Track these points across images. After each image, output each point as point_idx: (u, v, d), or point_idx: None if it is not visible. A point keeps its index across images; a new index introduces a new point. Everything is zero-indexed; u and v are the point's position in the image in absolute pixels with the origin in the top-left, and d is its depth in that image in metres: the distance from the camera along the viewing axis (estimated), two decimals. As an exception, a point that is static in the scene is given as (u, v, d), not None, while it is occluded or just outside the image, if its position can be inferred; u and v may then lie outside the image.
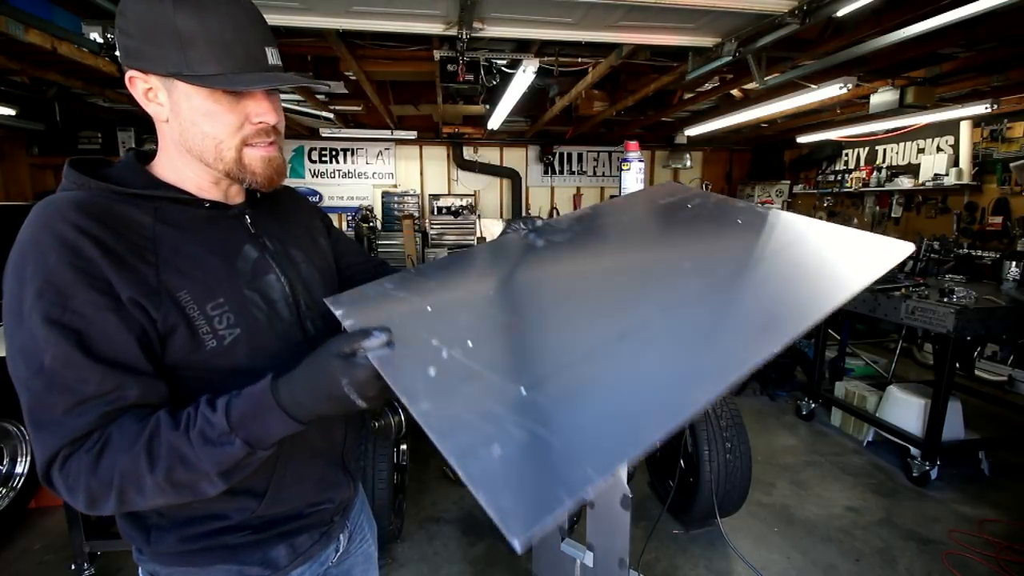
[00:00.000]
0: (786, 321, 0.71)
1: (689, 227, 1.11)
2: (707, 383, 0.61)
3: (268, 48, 0.76)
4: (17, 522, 2.60)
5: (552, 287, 0.89)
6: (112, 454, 0.66)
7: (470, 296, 0.88)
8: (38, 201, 0.76)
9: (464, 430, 0.57)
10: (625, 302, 0.82)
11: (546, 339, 0.75)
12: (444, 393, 0.62)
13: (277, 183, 0.85)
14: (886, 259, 0.88)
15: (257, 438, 0.67)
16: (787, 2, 2.61)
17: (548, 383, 0.63)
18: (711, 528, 2.48)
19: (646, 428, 0.55)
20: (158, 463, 0.65)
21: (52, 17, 2.86)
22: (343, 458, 0.98)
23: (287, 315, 0.86)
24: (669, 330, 0.73)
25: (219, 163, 0.79)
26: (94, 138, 6.72)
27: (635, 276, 0.90)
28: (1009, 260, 3.44)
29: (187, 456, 0.66)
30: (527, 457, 0.54)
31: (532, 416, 0.58)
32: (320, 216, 1.09)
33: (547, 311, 0.82)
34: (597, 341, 0.71)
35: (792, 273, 0.86)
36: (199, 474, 0.67)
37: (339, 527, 1.00)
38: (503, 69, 3.85)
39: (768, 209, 1.13)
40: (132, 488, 0.66)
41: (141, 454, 0.65)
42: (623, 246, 1.04)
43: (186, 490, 0.68)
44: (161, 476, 0.65)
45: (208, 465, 0.66)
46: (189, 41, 0.70)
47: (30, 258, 0.68)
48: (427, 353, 0.69)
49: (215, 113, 0.75)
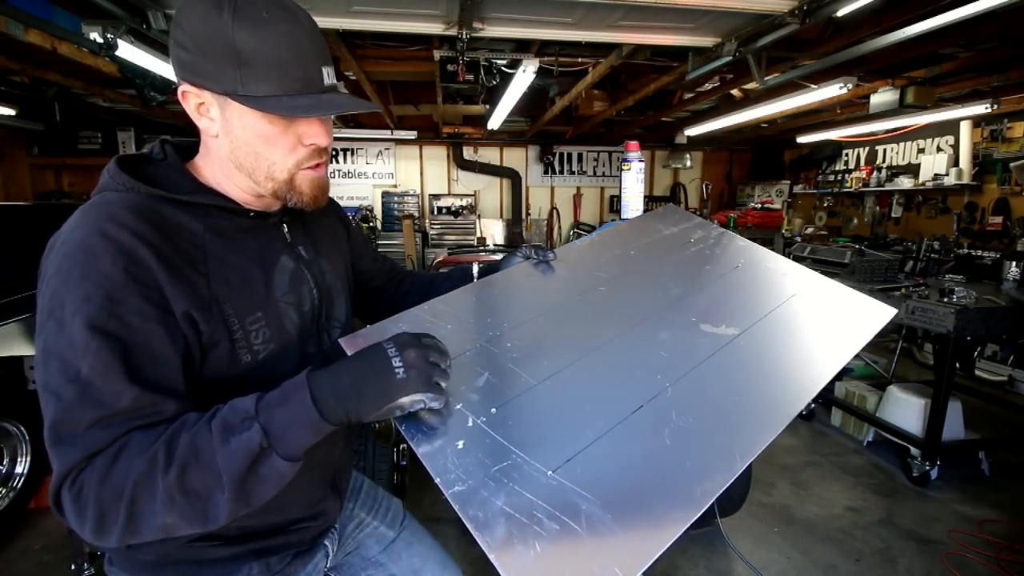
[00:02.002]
0: (778, 408, 0.78)
1: (694, 274, 1.15)
2: (722, 469, 0.67)
3: (325, 68, 0.74)
4: (17, 522, 2.59)
5: (566, 343, 0.91)
6: (128, 457, 0.60)
7: (487, 347, 0.88)
8: (38, 201, 0.75)
9: (499, 521, 0.61)
10: (639, 367, 0.85)
11: (566, 406, 0.78)
12: (474, 472, 0.66)
13: (322, 203, 0.82)
14: (870, 326, 0.99)
15: (278, 428, 0.61)
16: (787, 2, 2.61)
17: (574, 465, 0.67)
18: (711, 528, 2.47)
19: (667, 523, 0.61)
20: (174, 461, 0.59)
21: (52, 17, 2.86)
22: (335, 476, 0.95)
23: (311, 327, 0.85)
24: (685, 402, 0.78)
25: (268, 182, 0.76)
26: (94, 138, 6.72)
27: (644, 337, 0.93)
28: (1009, 260, 3.44)
29: (202, 450, 0.60)
30: (561, 553, 0.58)
31: (563, 507, 0.62)
32: (343, 220, 1.07)
33: (564, 373, 0.84)
34: (614, 412, 0.75)
35: (784, 351, 0.93)
36: (211, 475, 0.60)
37: (323, 536, 0.96)
38: (503, 69, 3.85)
39: (766, 254, 1.22)
40: (144, 496, 0.59)
41: (160, 451, 0.60)
42: (631, 298, 1.06)
43: (196, 503, 0.60)
44: (174, 477, 0.59)
45: (222, 459, 0.59)
46: (247, 60, 0.67)
47: (79, 261, 0.64)
48: (454, 421, 0.72)
49: (269, 136, 0.73)
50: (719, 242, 1.26)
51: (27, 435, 2.62)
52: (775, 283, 1.12)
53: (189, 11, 0.68)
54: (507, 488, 0.64)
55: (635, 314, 0.98)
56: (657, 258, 1.19)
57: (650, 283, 1.08)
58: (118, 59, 3.14)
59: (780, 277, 1.14)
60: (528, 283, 1.07)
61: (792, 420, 0.77)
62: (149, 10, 2.64)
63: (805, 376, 0.85)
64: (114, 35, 2.77)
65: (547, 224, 8.38)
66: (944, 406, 2.87)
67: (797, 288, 1.09)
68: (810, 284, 1.12)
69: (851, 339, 0.96)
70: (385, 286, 1.16)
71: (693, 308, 1.00)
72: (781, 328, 0.97)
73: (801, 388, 0.83)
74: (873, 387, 3.66)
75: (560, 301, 1.01)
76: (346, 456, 0.98)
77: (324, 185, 0.82)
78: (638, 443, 0.70)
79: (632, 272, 1.13)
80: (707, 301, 1.04)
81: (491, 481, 0.64)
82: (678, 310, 1.00)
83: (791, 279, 1.13)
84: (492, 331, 0.91)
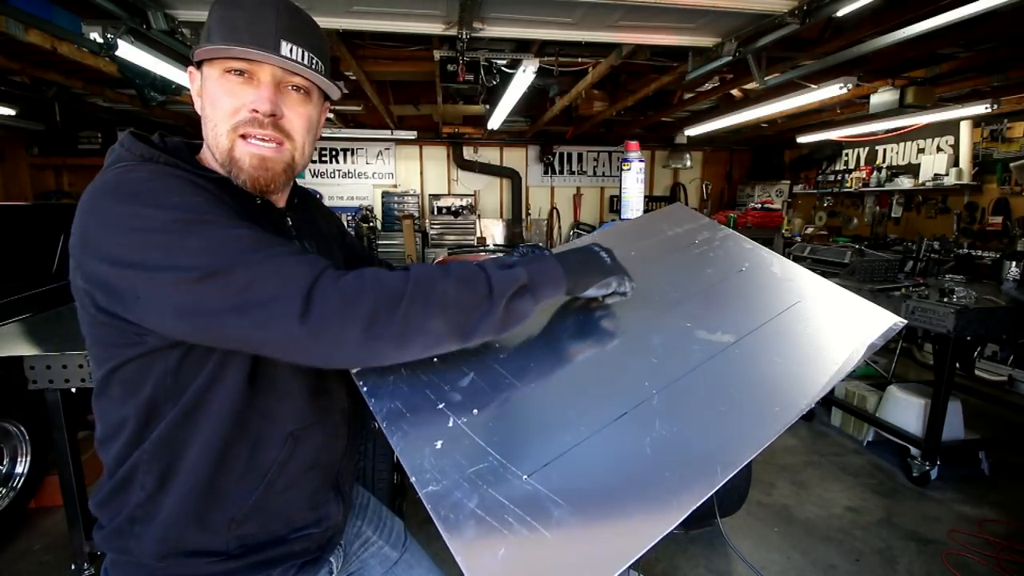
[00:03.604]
0: (776, 413, 0.77)
1: (694, 278, 1.12)
2: (701, 482, 0.65)
3: (285, 42, 0.75)
4: (17, 522, 2.59)
5: (554, 347, 0.89)
6: (389, 274, 0.69)
7: (477, 347, 0.85)
8: (38, 201, 0.76)
9: (469, 523, 0.60)
10: (626, 372, 0.84)
11: (549, 411, 0.77)
12: (449, 473, 0.66)
13: (264, 186, 0.80)
14: (874, 337, 0.97)
15: (537, 276, 0.75)
16: (787, 2, 2.61)
17: (551, 471, 0.66)
18: (711, 528, 2.47)
19: (640, 533, 0.59)
20: (451, 274, 0.70)
21: (52, 17, 2.86)
22: (338, 478, 0.93)
23: None
24: (669, 411, 0.76)
25: (218, 152, 0.78)
26: (94, 138, 6.71)
27: (635, 342, 0.91)
28: (1009, 260, 3.43)
29: (475, 275, 0.71)
30: (528, 559, 0.57)
31: (535, 511, 0.61)
32: (337, 224, 1.10)
33: (549, 377, 0.83)
34: (596, 419, 0.74)
35: (779, 363, 0.90)
36: (482, 292, 0.70)
37: (328, 551, 0.94)
38: (503, 69, 3.85)
39: (770, 255, 1.20)
40: (422, 297, 0.67)
41: (434, 268, 0.72)
42: (626, 301, 1.03)
43: (462, 312, 0.69)
44: (452, 284, 0.69)
45: (496, 280, 0.71)
46: (211, 28, 0.76)
47: (153, 189, 0.67)
48: (434, 420, 0.73)
49: (217, 96, 0.76)
50: (724, 244, 1.22)
51: (27, 435, 2.62)
52: (779, 289, 1.08)
53: None
54: (480, 491, 0.63)
55: (629, 318, 0.96)
56: (658, 260, 1.17)
57: (647, 286, 1.06)
58: (118, 59, 3.15)
59: (785, 283, 1.10)
60: None
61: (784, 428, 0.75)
62: (149, 10, 2.64)
63: (796, 390, 0.82)
64: (114, 35, 2.77)
65: (547, 224, 8.38)
66: (944, 406, 2.87)
67: (801, 295, 1.05)
68: (816, 291, 1.08)
69: (852, 351, 0.92)
70: None
71: (690, 313, 0.98)
72: (779, 338, 0.93)
73: (791, 403, 0.79)
74: (873, 387, 3.65)
75: (551, 304, 0.99)
76: (348, 458, 0.96)
77: (267, 164, 0.79)
78: (618, 451, 0.69)
79: (631, 273, 1.12)
80: (705, 306, 1.01)
81: (465, 483, 0.64)
82: (674, 315, 0.98)
83: (796, 285, 1.09)
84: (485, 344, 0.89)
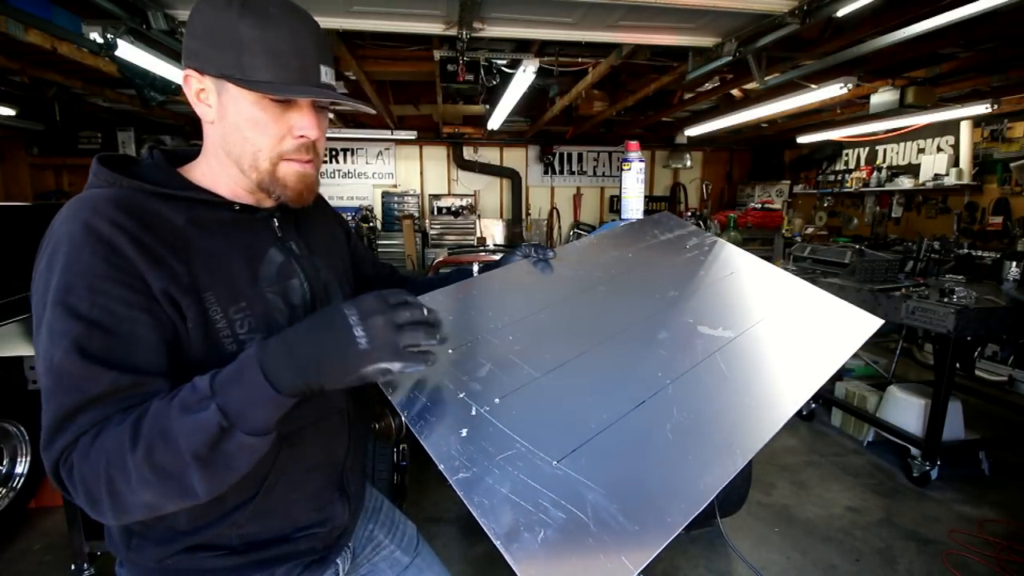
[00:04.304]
0: (770, 413, 0.80)
1: (690, 278, 1.19)
2: (724, 463, 0.68)
3: (323, 67, 0.76)
4: (17, 522, 2.59)
5: (567, 338, 0.91)
6: (104, 437, 0.61)
7: (488, 338, 0.89)
8: (38, 201, 0.76)
9: (504, 508, 0.61)
10: (640, 364, 0.87)
11: (568, 399, 0.78)
12: (478, 460, 0.66)
13: (307, 200, 0.83)
14: (856, 336, 1.04)
15: (236, 407, 0.60)
16: (787, 2, 2.61)
17: (579, 456, 0.67)
18: (711, 528, 2.47)
19: (672, 516, 0.61)
20: (140, 440, 0.59)
21: (52, 17, 2.86)
22: (343, 478, 0.91)
23: None
24: (684, 399, 0.79)
25: (253, 172, 0.77)
26: (94, 138, 6.72)
27: (644, 336, 0.95)
28: (1009, 260, 3.43)
29: (167, 430, 0.59)
30: (568, 542, 0.58)
31: (570, 496, 0.62)
32: (342, 224, 1.08)
33: (565, 367, 0.84)
34: (616, 407, 0.76)
35: (780, 354, 0.96)
36: (178, 454, 0.59)
37: (335, 552, 0.93)
38: (503, 69, 3.85)
39: (757, 259, 1.29)
40: (118, 475, 0.60)
41: (127, 431, 0.60)
42: (630, 298, 1.08)
43: (169, 480, 0.60)
44: (141, 456, 0.59)
45: (184, 441, 0.59)
46: (247, 47, 0.71)
47: (62, 252, 0.66)
48: (457, 410, 0.73)
49: (259, 121, 0.75)
50: (713, 250, 1.31)
51: (27, 435, 2.62)
52: (766, 291, 1.18)
53: (204, 4, 0.73)
54: (512, 476, 0.64)
55: (634, 313, 1.00)
56: (654, 261, 1.23)
57: (648, 284, 1.10)
58: (118, 59, 3.15)
59: (771, 286, 1.20)
60: (528, 279, 1.08)
61: (791, 420, 0.79)
62: (149, 10, 2.63)
63: (801, 377, 0.89)
64: (114, 35, 2.77)
65: (547, 224, 8.38)
66: (944, 406, 2.87)
67: (788, 297, 1.15)
68: (801, 293, 1.17)
69: (841, 346, 1.01)
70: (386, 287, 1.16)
71: (690, 310, 1.03)
72: (775, 333, 1.01)
73: (798, 388, 0.86)
74: (873, 387, 3.66)
75: (560, 298, 1.02)
76: (353, 457, 0.95)
77: (310, 182, 0.82)
78: (641, 437, 0.72)
79: (631, 273, 1.14)
80: (703, 304, 1.07)
81: (495, 469, 0.64)
82: (676, 311, 1.02)
83: (781, 288, 1.19)
84: (493, 323, 0.91)
